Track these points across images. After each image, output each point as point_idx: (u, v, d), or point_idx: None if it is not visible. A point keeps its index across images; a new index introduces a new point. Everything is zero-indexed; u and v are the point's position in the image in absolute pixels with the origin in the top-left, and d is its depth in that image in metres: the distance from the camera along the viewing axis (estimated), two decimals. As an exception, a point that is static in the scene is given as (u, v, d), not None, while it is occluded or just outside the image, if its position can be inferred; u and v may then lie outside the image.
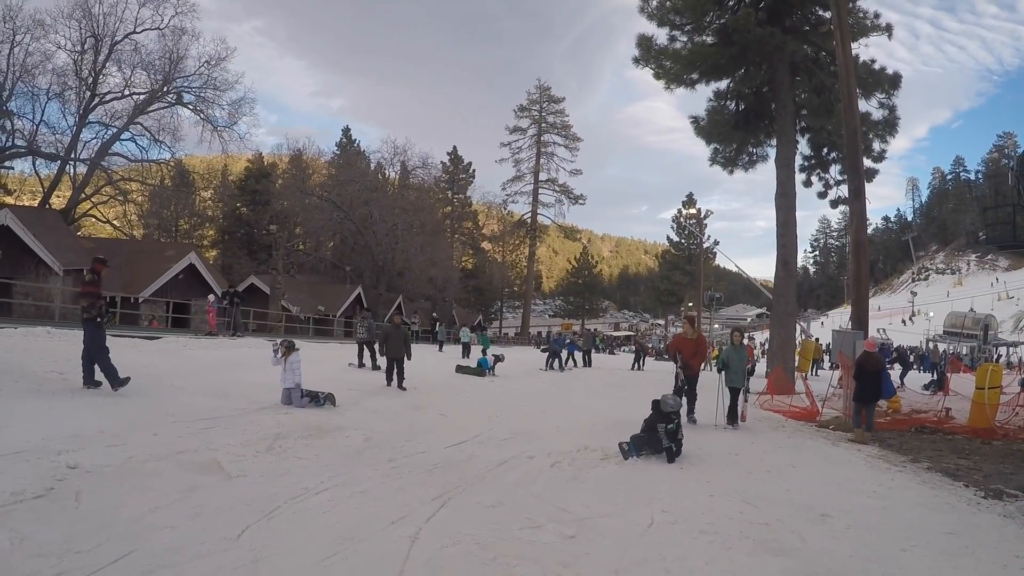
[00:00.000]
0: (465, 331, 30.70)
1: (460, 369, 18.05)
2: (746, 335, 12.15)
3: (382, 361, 14.36)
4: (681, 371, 10.91)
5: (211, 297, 22.35)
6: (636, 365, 26.35)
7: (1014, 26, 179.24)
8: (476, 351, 24.10)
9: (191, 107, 38.01)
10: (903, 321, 77.21)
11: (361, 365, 17.13)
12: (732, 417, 10.83)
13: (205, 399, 9.42)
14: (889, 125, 20.46)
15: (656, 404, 7.85)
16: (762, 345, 43.21)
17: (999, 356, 42.70)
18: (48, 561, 3.65)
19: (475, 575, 3.93)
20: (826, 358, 30.88)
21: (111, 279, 27.51)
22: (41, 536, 3.99)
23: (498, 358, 18.84)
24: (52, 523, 4.23)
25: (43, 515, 4.35)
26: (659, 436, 7.61)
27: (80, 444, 6.07)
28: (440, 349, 29.32)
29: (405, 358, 13.53)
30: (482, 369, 17.90)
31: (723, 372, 11.32)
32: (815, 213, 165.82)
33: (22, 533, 3.99)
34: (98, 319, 9.08)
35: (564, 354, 23.50)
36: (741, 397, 11.02)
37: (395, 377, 13.41)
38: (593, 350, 30.73)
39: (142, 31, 35.00)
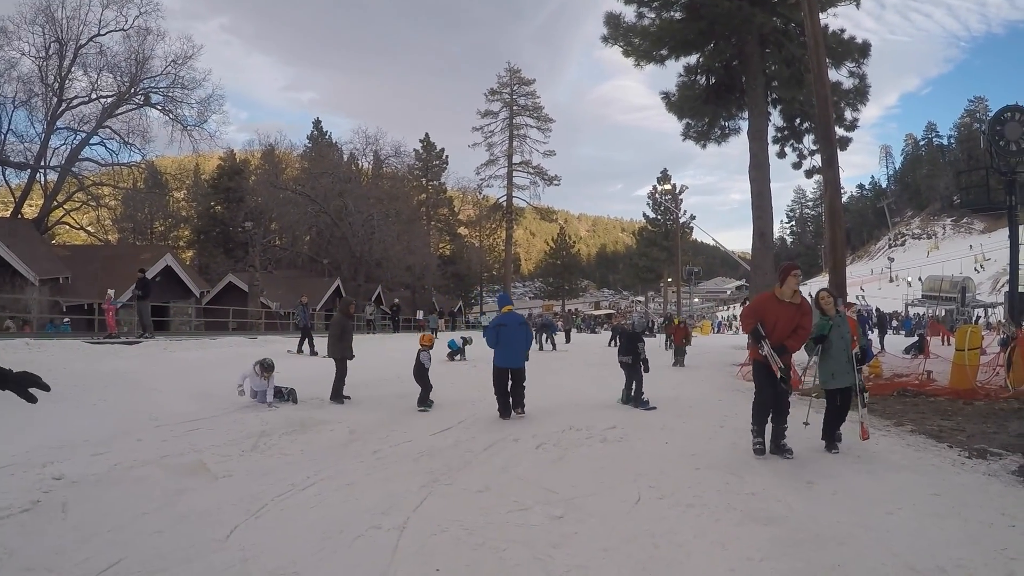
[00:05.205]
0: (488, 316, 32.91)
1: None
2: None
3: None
4: (775, 357, 6.22)
5: (110, 293, 18.63)
6: (613, 342, 26.57)
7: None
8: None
9: (159, 107, 37.63)
10: (895, 278, 77.90)
11: (300, 352, 17.32)
12: (830, 431, 6.76)
13: (188, 401, 9.38)
14: (860, 93, 20.66)
15: (623, 330, 9.01)
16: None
17: (978, 318, 43.21)
18: (37, 575, 3.63)
19: (464, 561, 3.93)
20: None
21: (87, 286, 27.26)
22: (29, 550, 3.97)
23: (466, 340, 18.62)
24: (40, 536, 4.20)
25: (31, 528, 4.33)
26: (640, 354, 9.88)
27: (65, 454, 6.06)
28: (435, 336, 29.52)
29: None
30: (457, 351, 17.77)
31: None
32: (790, 184, 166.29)
33: (10, 548, 3.97)
34: None
35: (544, 336, 24.15)
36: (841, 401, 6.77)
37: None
38: (574, 329, 31.85)
39: (106, 33, 34.56)
